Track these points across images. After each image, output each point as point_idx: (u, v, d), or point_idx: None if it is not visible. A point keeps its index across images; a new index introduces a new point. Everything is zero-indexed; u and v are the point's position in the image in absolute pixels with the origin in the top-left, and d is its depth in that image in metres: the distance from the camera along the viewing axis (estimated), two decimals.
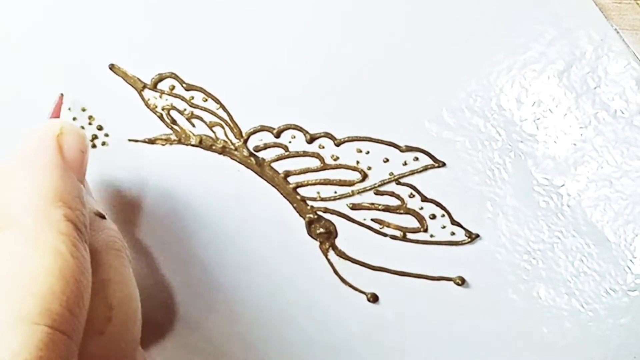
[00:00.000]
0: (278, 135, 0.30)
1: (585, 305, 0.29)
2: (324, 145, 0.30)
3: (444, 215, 0.30)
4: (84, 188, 0.25)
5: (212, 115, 0.30)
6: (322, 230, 0.31)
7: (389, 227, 0.30)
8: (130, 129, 0.31)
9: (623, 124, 0.29)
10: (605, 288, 0.29)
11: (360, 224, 0.31)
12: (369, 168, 0.30)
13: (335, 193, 0.31)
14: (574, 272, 0.29)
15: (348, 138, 0.30)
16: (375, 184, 0.30)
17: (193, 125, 0.31)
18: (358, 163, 0.30)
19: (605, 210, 0.29)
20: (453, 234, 0.30)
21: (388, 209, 0.30)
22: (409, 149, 0.30)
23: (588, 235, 0.29)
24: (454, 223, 0.30)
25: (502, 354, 0.30)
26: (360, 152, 0.30)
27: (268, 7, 0.30)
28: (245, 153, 0.30)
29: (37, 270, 0.20)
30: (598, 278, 0.29)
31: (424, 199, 0.30)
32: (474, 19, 0.29)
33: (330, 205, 0.31)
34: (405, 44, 0.29)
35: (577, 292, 0.29)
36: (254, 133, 0.30)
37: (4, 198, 0.22)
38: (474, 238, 0.30)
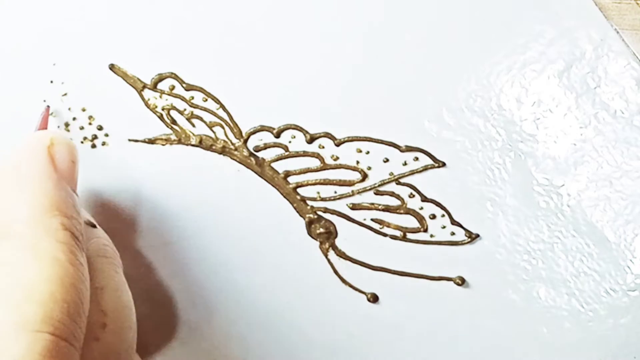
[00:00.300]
0: (278, 135, 0.30)
1: (585, 305, 0.29)
2: (324, 145, 0.30)
3: (444, 215, 0.30)
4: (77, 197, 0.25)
5: (212, 115, 0.30)
6: (322, 230, 0.31)
7: (389, 227, 0.30)
8: (130, 129, 0.31)
9: (623, 124, 0.29)
10: (605, 288, 0.29)
11: (360, 224, 0.31)
12: (369, 168, 0.30)
13: (335, 193, 0.31)
14: (574, 272, 0.29)
15: (348, 138, 0.30)
16: (375, 184, 0.30)
17: (193, 125, 0.31)
18: (358, 163, 0.30)
19: (605, 210, 0.29)
20: (453, 234, 0.30)
21: (388, 209, 0.30)
22: (409, 149, 0.30)
23: (588, 235, 0.29)
24: (454, 223, 0.30)
25: (502, 354, 0.30)
26: (360, 152, 0.30)
27: (268, 7, 0.30)
28: (245, 153, 0.30)
29: (37, 279, 0.20)
30: (598, 278, 0.29)
31: (424, 199, 0.30)
32: (474, 19, 0.29)
33: (330, 205, 0.31)
34: (405, 44, 0.29)
35: (577, 292, 0.29)
36: (254, 133, 0.30)
37: (0, 210, 0.22)
38: (474, 238, 0.30)
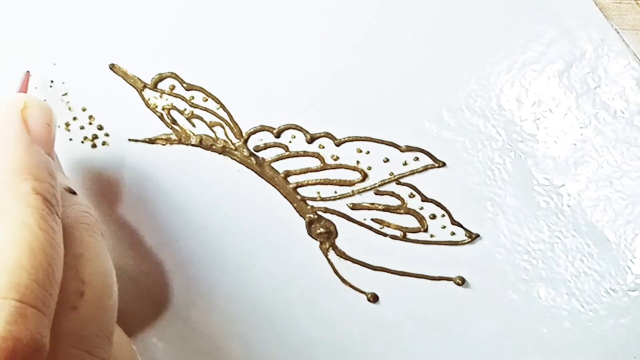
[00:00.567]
0: (278, 135, 0.30)
1: (585, 305, 0.29)
2: (324, 145, 0.30)
3: (444, 215, 0.30)
4: (54, 162, 0.24)
5: (212, 115, 0.30)
6: (322, 230, 0.31)
7: (389, 227, 0.30)
8: (130, 129, 0.31)
9: (623, 124, 0.29)
10: (605, 288, 0.29)
11: (361, 224, 0.31)
12: (369, 168, 0.30)
13: (336, 193, 0.31)
14: (574, 272, 0.29)
15: (348, 138, 0.30)
16: (376, 184, 0.30)
17: (193, 125, 0.31)
18: (358, 163, 0.30)
19: (605, 210, 0.29)
20: (453, 234, 0.30)
21: (388, 209, 0.30)
22: (409, 149, 0.30)
23: (588, 235, 0.29)
24: (454, 223, 0.30)
25: (502, 354, 0.30)
26: (361, 152, 0.30)
27: (268, 7, 0.30)
28: (246, 153, 0.30)
29: (3, 244, 0.20)
30: (598, 278, 0.29)
31: (424, 199, 0.30)
32: (474, 19, 0.29)
33: (331, 205, 0.31)
34: (405, 44, 0.29)
35: (577, 292, 0.29)
36: (254, 133, 0.30)
37: None
38: (474, 238, 0.30)
